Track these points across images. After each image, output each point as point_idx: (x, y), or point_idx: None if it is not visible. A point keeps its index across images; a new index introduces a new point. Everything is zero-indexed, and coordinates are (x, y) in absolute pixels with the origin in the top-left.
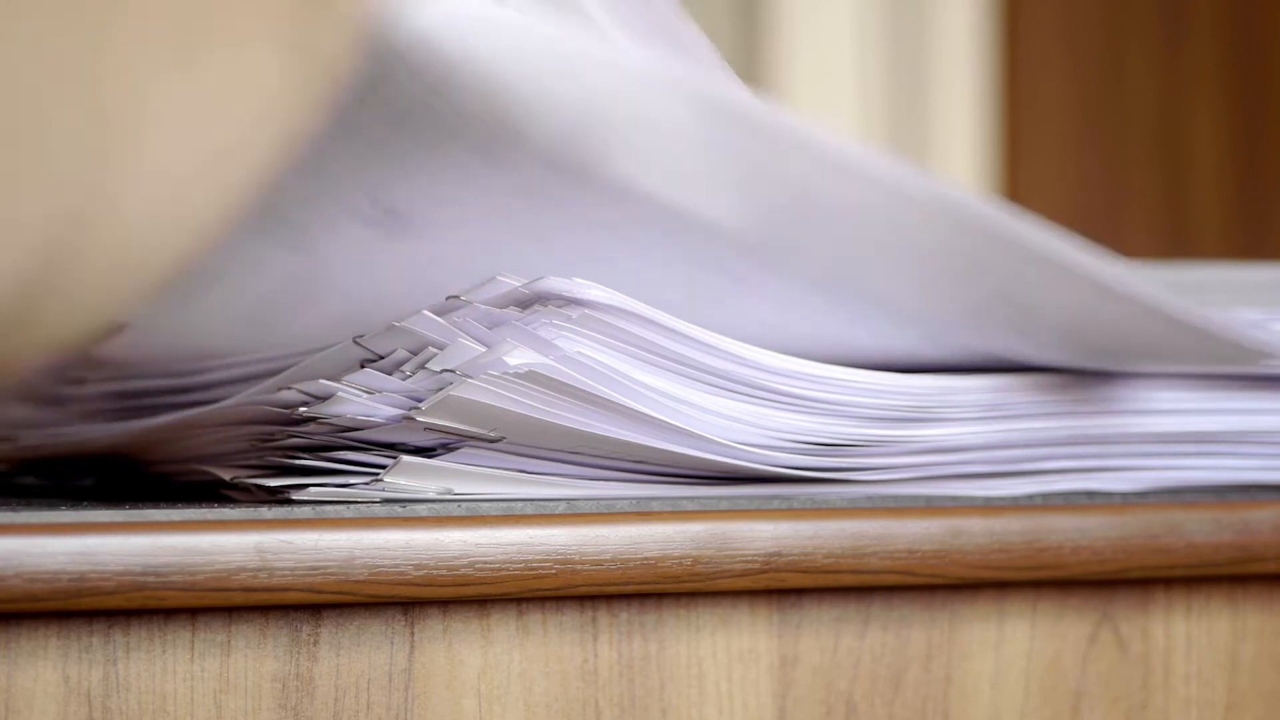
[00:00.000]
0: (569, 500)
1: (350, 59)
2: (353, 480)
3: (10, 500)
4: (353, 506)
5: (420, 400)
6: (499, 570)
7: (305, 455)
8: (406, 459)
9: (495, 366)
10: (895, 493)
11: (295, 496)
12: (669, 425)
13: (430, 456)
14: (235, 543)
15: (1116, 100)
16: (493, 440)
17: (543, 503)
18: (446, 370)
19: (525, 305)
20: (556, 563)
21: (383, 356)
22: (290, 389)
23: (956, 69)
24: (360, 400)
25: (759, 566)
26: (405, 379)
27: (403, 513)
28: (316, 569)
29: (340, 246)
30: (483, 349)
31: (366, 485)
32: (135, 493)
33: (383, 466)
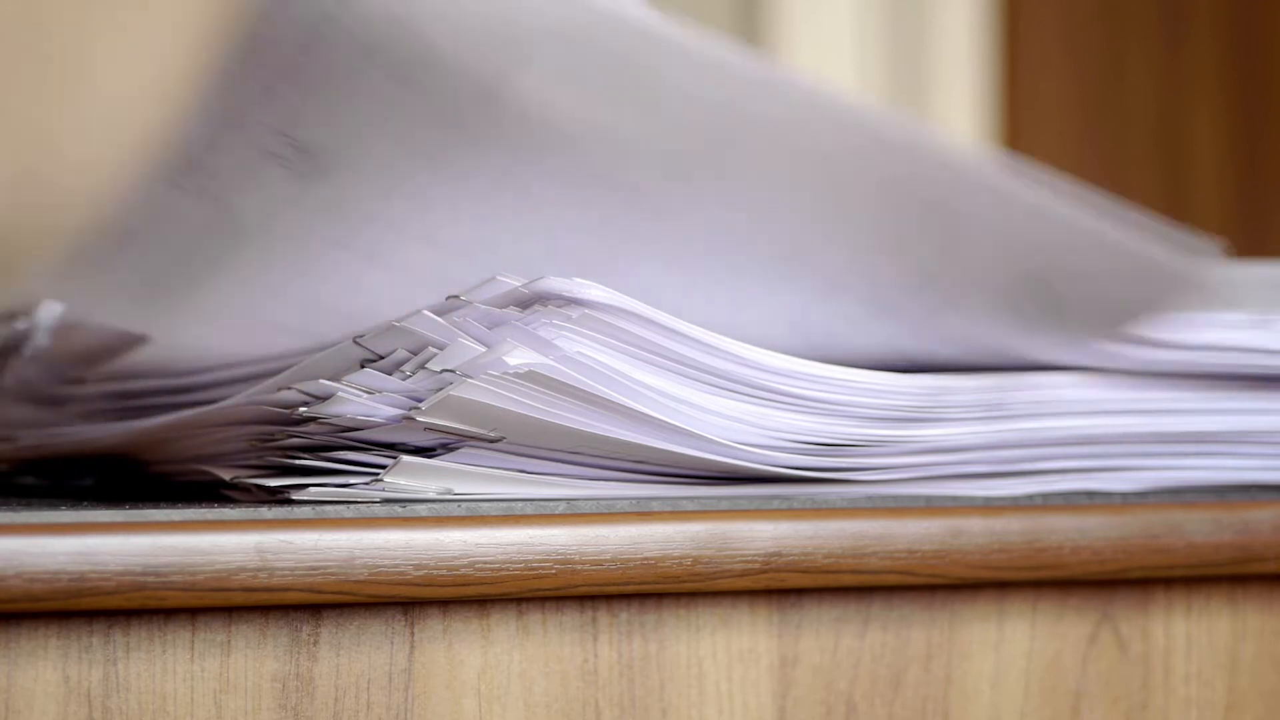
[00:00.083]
0: (569, 500)
1: None
2: (353, 480)
3: (10, 500)
4: (353, 506)
5: (420, 400)
6: (499, 570)
7: (305, 455)
8: (406, 459)
9: (495, 366)
10: (895, 493)
11: (295, 496)
12: (669, 425)
13: (430, 456)
14: (235, 543)
15: (1116, 100)
16: (493, 440)
17: (543, 503)
18: (446, 370)
19: (525, 305)
20: (556, 563)
21: (383, 356)
22: (290, 389)
23: (956, 69)
24: (360, 400)
25: (759, 566)
26: (405, 379)
27: (403, 513)
28: (316, 569)
29: (252, 192)
30: (483, 349)
31: (366, 485)
32: (135, 493)
33: (383, 466)
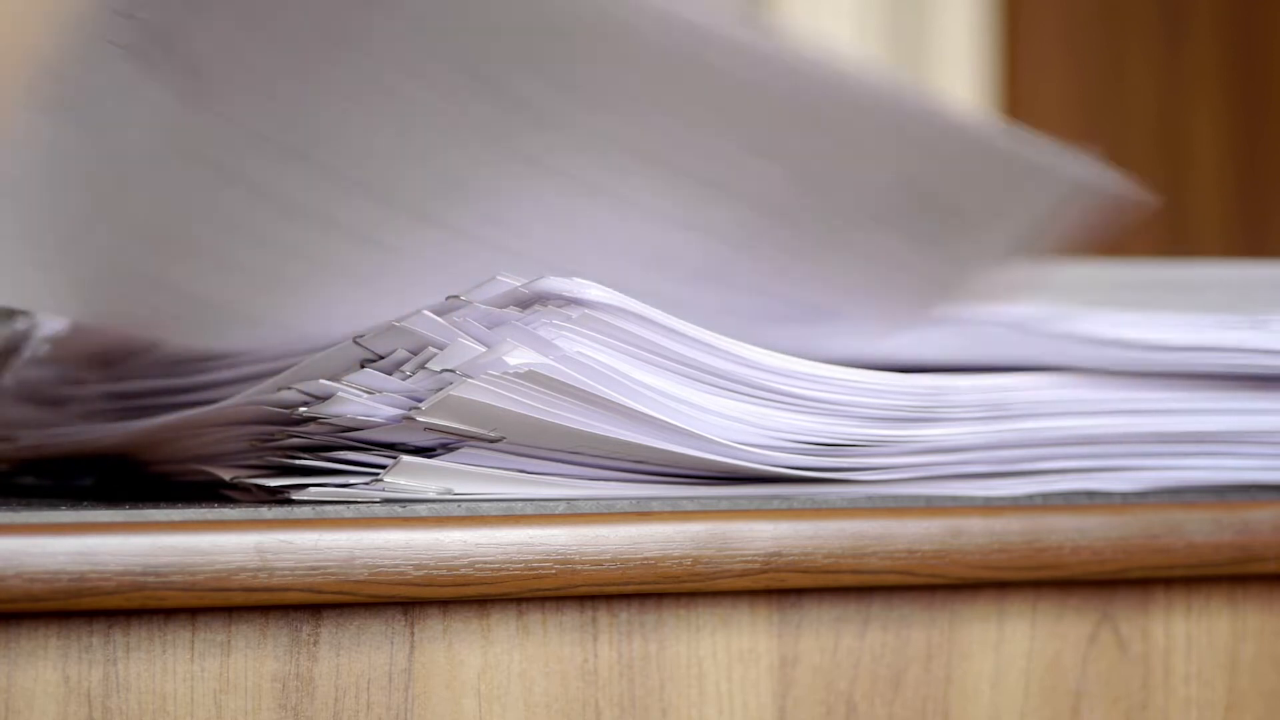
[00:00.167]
0: (569, 500)
1: None
2: (353, 480)
3: (10, 500)
4: (353, 506)
5: (420, 400)
6: (499, 570)
7: (305, 455)
8: (406, 459)
9: (495, 366)
10: (895, 493)
11: (295, 496)
12: (669, 425)
13: (430, 456)
14: (235, 543)
15: (1116, 100)
16: (493, 440)
17: (543, 503)
18: (446, 370)
19: (525, 305)
20: (556, 563)
21: (383, 356)
22: (290, 389)
23: (956, 69)
24: (360, 400)
25: (759, 566)
26: (405, 379)
27: (403, 513)
28: (316, 569)
29: (116, 105)
30: (483, 349)
31: (366, 485)
32: (135, 493)
33: (383, 466)
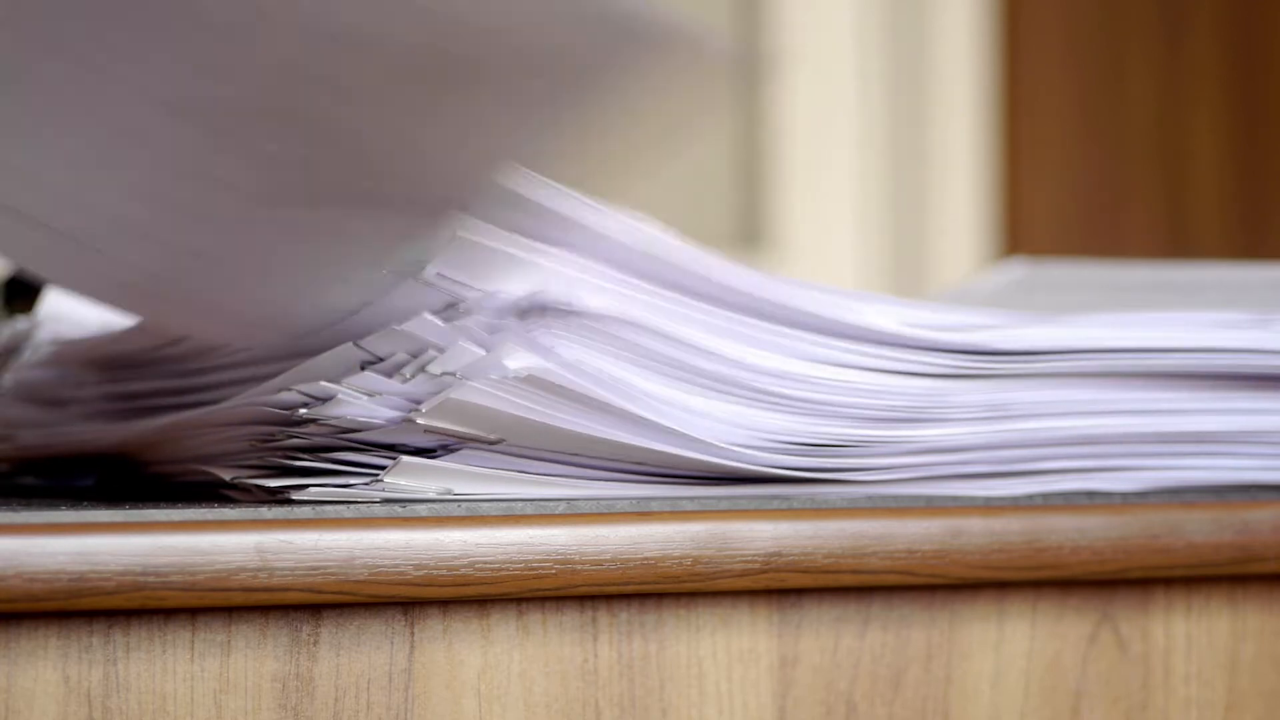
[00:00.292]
0: (569, 500)
1: None
2: (353, 480)
3: (10, 500)
4: (353, 506)
5: (420, 403)
6: (499, 570)
7: (305, 456)
8: (406, 459)
9: (495, 370)
10: (895, 493)
11: (295, 497)
12: (665, 428)
13: (430, 457)
14: (235, 543)
15: (1116, 100)
16: (492, 442)
17: (543, 503)
18: (446, 373)
19: (524, 315)
20: (556, 563)
21: (383, 359)
22: (290, 390)
23: (956, 69)
24: (360, 402)
25: (759, 566)
26: (405, 381)
27: (403, 513)
28: (316, 569)
29: None
30: (482, 352)
31: (366, 485)
32: (135, 493)
33: (382, 467)
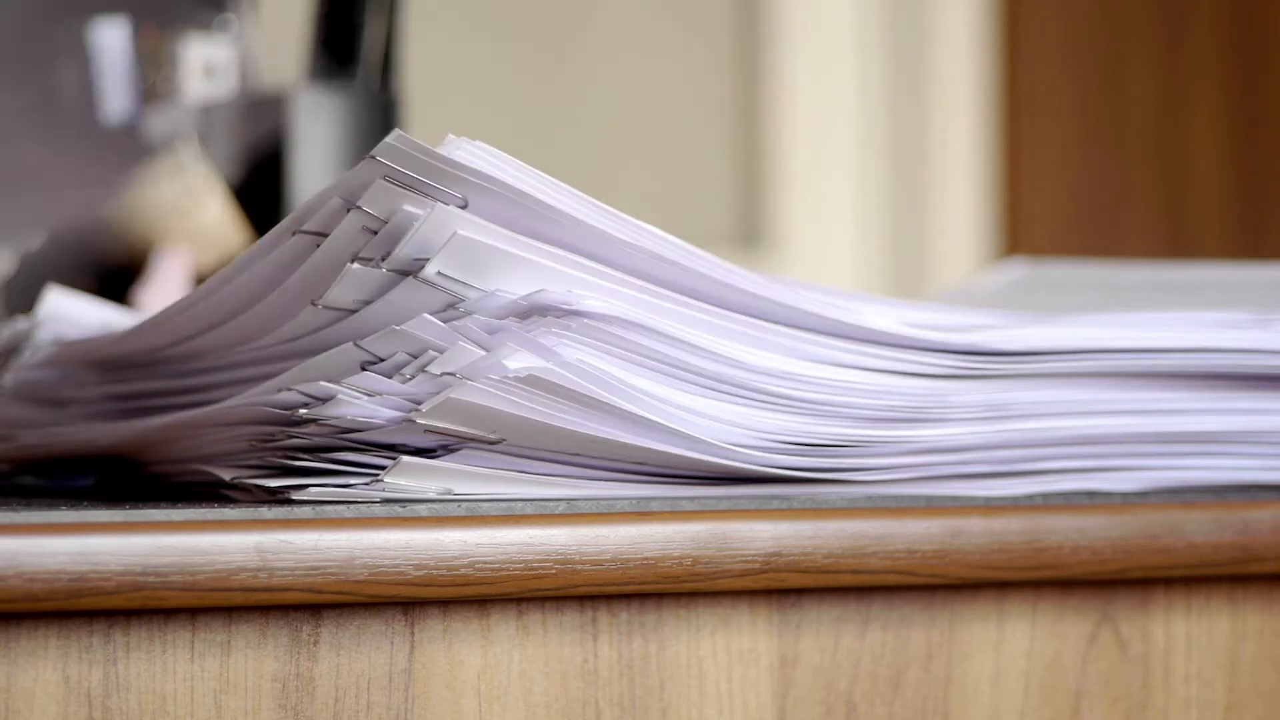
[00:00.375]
0: (569, 500)
1: None
2: (353, 481)
3: (10, 500)
4: (353, 506)
5: (420, 403)
6: (499, 570)
7: (305, 456)
8: (406, 459)
9: (495, 370)
10: (895, 493)
11: (295, 497)
12: (665, 428)
13: (430, 457)
14: (235, 543)
15: (1116, 100)
16: (492, 442)
17: (543, 503)
18: (447, 373)
19: (524, 316)
20: (556, 563)
21: (383, 359)
22: (291, 390)
23: (956, 69)
24: (360, 402)
25: (759, 566)
26: (405, 382)
27: (403, 513)
28: (316, 569)
29: None
30: (483, 353)
31: (366, 485)
32: (135, 493)
33: (383, 467)
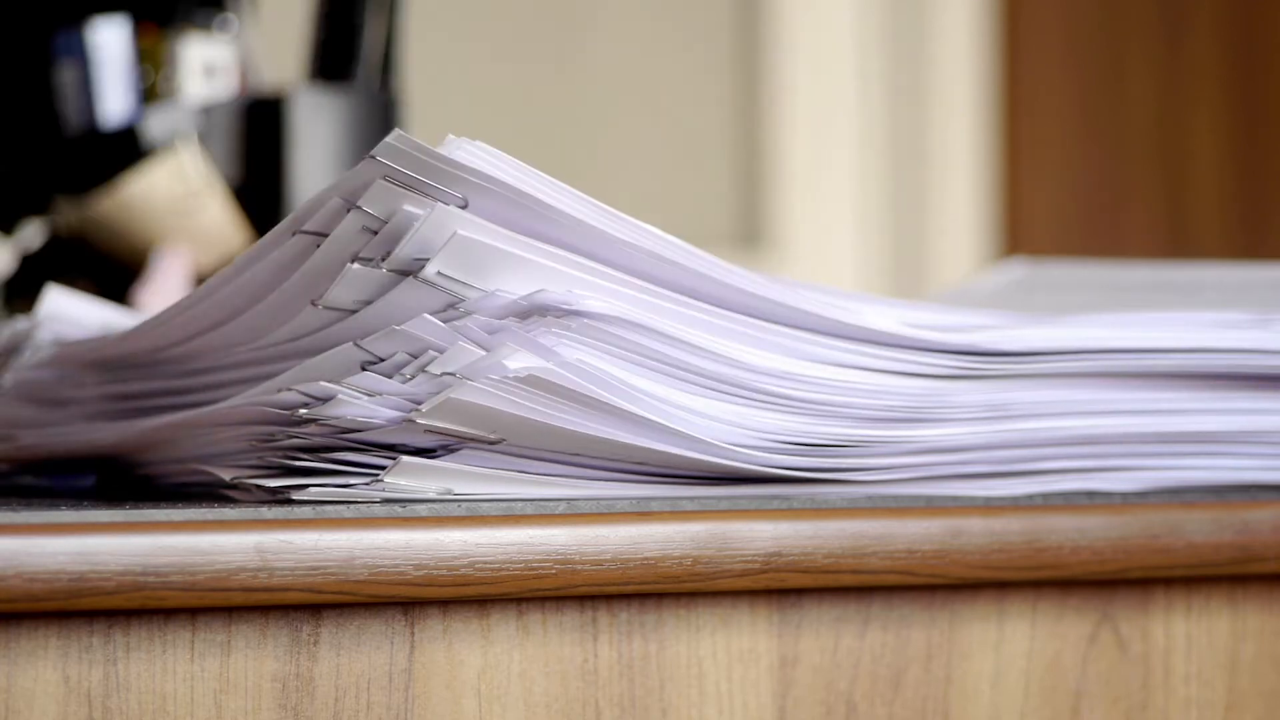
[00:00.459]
0: (569, 500)
1: None
2: (353, 480)
3: (10, 500)
4: (353, 506)
5: (420, 403)
6: (499, 570)
7: (305, 456)
8: (406, 459)
9: (495, 370)
10: (895, 493)
11: (295, 497)
12: (664, 428)
13: (430, 457)
14: (235, 543)
15: (1116, 100)
16: (492, 442)
17: (543, 503)
18: (446, 373)
19: (524, 316)
20: (556, 563)
21: (383, 359)
22: (291, 390)
23: (956, 69)
24: (361, 402)
25: (759, 566)
26: (405, 382)
27: (403, 513)
28: (316, 569)
29: None
30: (483, 353)
31: (367, 485)
32: (135, 493)
33: (383, 467)
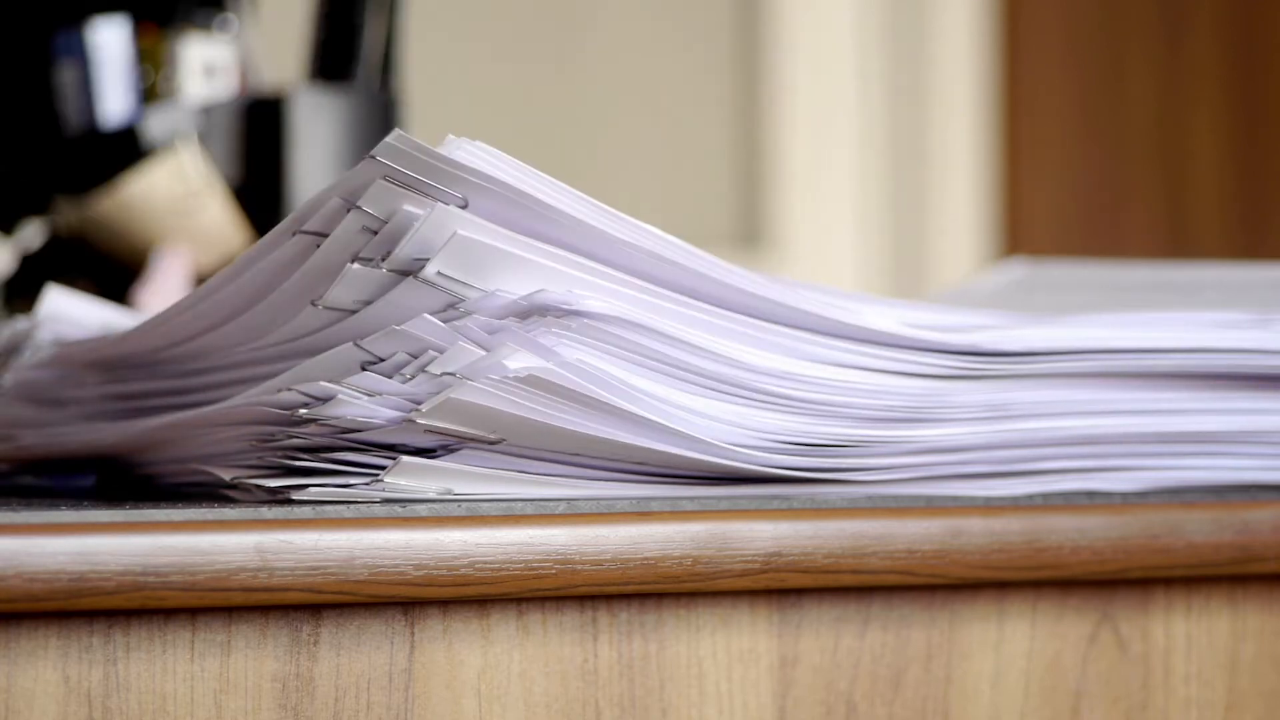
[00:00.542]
0: (569, 500)
1: None
2: (353, 480)
3: (10, 500)
4: (353, 506)
5: (420, 403)
6: (499, 570)
7: (305, 456)
8: (406, 459)
9: (495, 370)
10: (895, 493)
11: (295, 496)
12: (664, 428)
13: (430, 457)
14: (235, 543)
15: (1116, 100)
16: (492, 442)
17: (543, 503)
18: (447, 373)
19: (524, 316)
20: (556, 563)
21: (383, 359)
22: (291, 390)
23: (956, 69)
24: (361, 402)
25: (759, 566)
26: (405, 382)
27: (403, 513)
28: (316, 569)
29: None
30: (483, 353)
31: (367, 485)
32: (135, 493)
33: (383, 467)
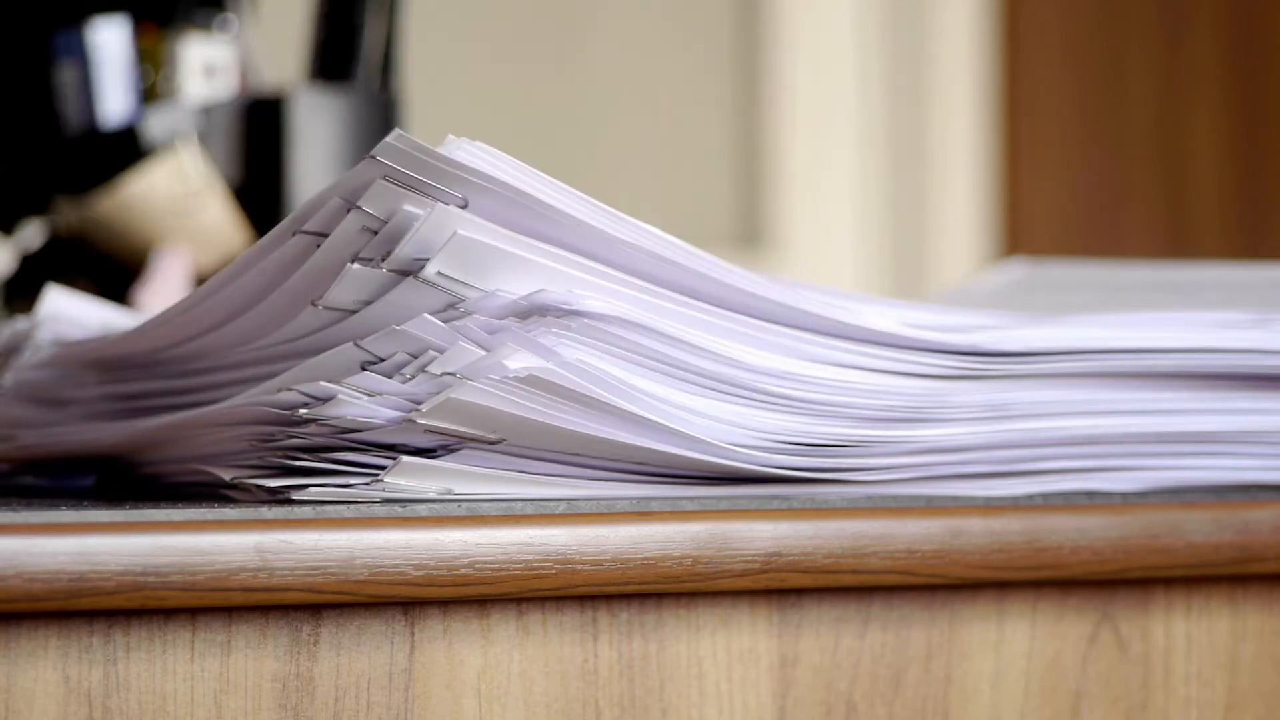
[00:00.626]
0: (569, 500)
1: None
2: (353, 480)
3: (10, 500)
4: (353, 506)
5: (420, 403)
6: (499, 570)
7: (306, 456)
8: (407, 459)
9: (495, 370)
10: (895, 493)
11: (295, 497)
12: (664, 428)
13: (430, 457)
14: (235, 543)
15: (1116, 100)
16: (492, 442)
17: (543, 503)
18: (447, 373)
19: (524, 316)
20: (556, 563)
21: (383, 359)
22: (291, 390)
23: (956, 69)
24: (361, 402)
25: (759, 566)
26: (405, 382)
27: (403, 513)
28: (316, 569)
29: None
30: (483, 353)
31: (367, 485)
32: (135, 493)
33: (383, 467)
